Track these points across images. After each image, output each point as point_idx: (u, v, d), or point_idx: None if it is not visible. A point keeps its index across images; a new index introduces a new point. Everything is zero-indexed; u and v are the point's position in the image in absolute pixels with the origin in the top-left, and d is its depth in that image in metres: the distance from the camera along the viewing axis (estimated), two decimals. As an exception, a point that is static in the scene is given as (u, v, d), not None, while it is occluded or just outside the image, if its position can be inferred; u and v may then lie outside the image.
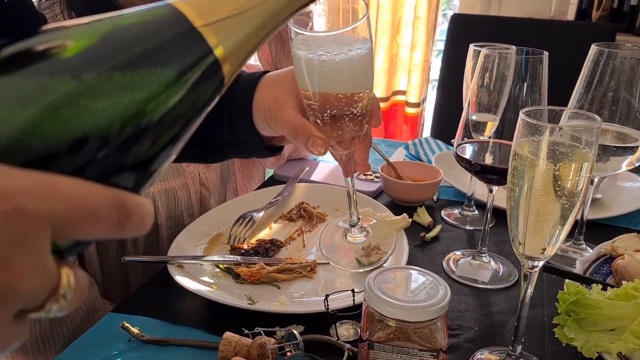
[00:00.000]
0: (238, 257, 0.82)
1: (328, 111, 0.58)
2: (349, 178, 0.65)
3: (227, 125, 0.72)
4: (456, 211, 1.02)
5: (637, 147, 0.74)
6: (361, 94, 0.58)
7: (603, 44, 0.76)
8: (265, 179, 1.23)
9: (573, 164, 0.50)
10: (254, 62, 1.21)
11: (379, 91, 2.65)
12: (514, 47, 0.79)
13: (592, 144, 0.51)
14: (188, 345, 0.65)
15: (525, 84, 0.73)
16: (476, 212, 1.00)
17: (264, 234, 0.92)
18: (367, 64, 0.57)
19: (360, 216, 0.86)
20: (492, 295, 0.78)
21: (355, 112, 0.58)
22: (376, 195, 1.07)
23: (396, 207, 1.02)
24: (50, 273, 0.24)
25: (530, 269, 0.57)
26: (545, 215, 0.51)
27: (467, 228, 0.97)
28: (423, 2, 2.41)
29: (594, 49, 0.76)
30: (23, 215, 0.22)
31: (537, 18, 2.12)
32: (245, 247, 0.85)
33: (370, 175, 1.13)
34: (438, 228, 0.94)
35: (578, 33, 1.84)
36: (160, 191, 0.93)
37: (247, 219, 0.91)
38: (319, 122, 0.59)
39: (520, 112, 0.52)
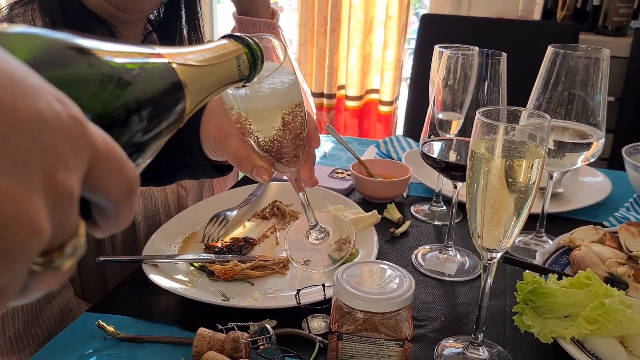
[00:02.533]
0: (212, 255, 0.83)
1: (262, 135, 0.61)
2: (301, 193, 0.68)
3: (175, 148, 0.75)
4: (425, 207, 1.05)
5: (591, 143, 0.78)
6: (286, 119, 0.61)
7: (559, 45, 0.79)
8: (240, 178, 1.24)
9: (525, 160, 0.53)
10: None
11: (353, 90, 2.68)
12: (476, 48, 0.83)
13: (543, 141, 0.54)
14: (163, 341, 0.67)
15: (486, 83, 0.77)
16: (444, 207, 1.04)
17: (238, 232, 0.94)
18: (286, 94, 0.59)
19: (316, 217, 0.90)
20: (458, 287, 0.81)
21: (288, 134, 0.61)
22: (348, 192, 1.10)
23: (367, 204, 1.05)
24: (75, 204, 0.24)
25: (488, 260, 0.60)
26: (500, 209, 0.54)
27: (436, 223, 1.00)
28: (394, 2, 2.44)
29: (550, 50, 0.79)
30: (78, 122, 0.23)
31: (504, 18, 2.17)
32: (219, 245, 0.87)
33: (342, 173, 1.16)
34: (407, 224, 0.97)
35: (543, 32, 1.89)
36: None
37: (221, 218, 0.93)
38: (256, 147, 0.63)
39: (476, 112, 0.55)
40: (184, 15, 0.95)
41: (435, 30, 1.95)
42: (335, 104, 2.74)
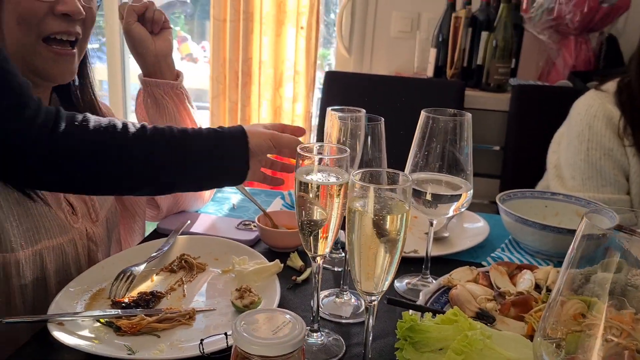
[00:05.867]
0: (119, 310, 0.86)
1: None
2: None
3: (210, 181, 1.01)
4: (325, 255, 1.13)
5: (461, 194, 0.90)
6: None
7: (430, 110, 0.91)
8: (146, 232, 1.27)
9: (392, 215, 0.62)
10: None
11: (265, 140, 2.78)
12: (363, 111, 0.94)
13: (407, 198, 0.63)
14: (68, 398, 0.69)
15: (369, 144, 0.87)
16: (342, 254, 1.12)
17: (145, 287, 0.97)
18: None
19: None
20: (353, 328, 0.89)
21: None
22: (254, 243, 1.16)
23: (272, 254, 1.11)
24: None
25: (369, 302, 0.68)
26: (373, 258, 0.63)
27: (335, 269, 1.08)
28: (301, 59, 2.60)
29: (423, 114, 0.91)
30: None
31: (401, 75, 2.37)
32: (126, 300, 0.89)
33: (249, 224, 1.22)
34: (308, 271, 1.04)
35: (435, 89, 2.09)
36: (48, 248, 0.95)
37: (128, 274, 0.96)
38: None
39: (350, 174, 0.64)
40: (77, 79, 1.08)
41: (338, 86, 2.10)
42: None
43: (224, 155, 0.95)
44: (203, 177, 0.97)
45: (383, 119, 0.86)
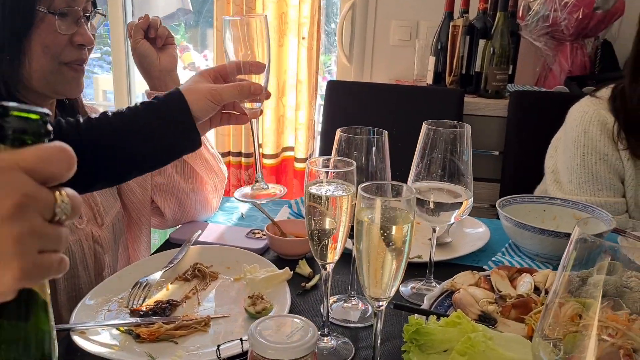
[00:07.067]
0: (137, 319, 0.90)
1: None
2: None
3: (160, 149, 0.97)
4: (333, 261, 1.17)
5: (462, 202, 0.94)
6: None
7: (430, 122, 0.95)
8: (152, 240, 1.33)
9: (397, 226, 0.67)
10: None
11: (269, 149, 2.82)
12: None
13: (411, 209, 0.68)
14: (95, 402, 0.73)
15: (376, 155, 0.91)
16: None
17: (161, 295, 1.01)
18: None
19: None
20: (361, 332, 0.93)
21: None
22: (263, 251, 1.20)
23: (281, 261, 1.15)
24: (43, 193, 0.41)
25: (377, 308, 0.72)
26: (381, 266, 0.67)
27: (341, 276, 1.12)
28: (303, 69, 2.64)
29: (424, 127, 0.96)
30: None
31: (402, 83, 2.41)
32: (144, 309, 0.94)
33: (258, 233, 1.26)
34: (317, 277, 1.08)
35: (435, 96, 2.13)
36: None
37: (144, 283, 1.00)
38: None
39: (359, 187, 0.68)
40: None
41: (340, 94, 2.14)
42: (253, 162, 2.86)
43: (169, 132, 0.94)
44: (155, 157, 0.97)
45: (386, 132, 0.90)
